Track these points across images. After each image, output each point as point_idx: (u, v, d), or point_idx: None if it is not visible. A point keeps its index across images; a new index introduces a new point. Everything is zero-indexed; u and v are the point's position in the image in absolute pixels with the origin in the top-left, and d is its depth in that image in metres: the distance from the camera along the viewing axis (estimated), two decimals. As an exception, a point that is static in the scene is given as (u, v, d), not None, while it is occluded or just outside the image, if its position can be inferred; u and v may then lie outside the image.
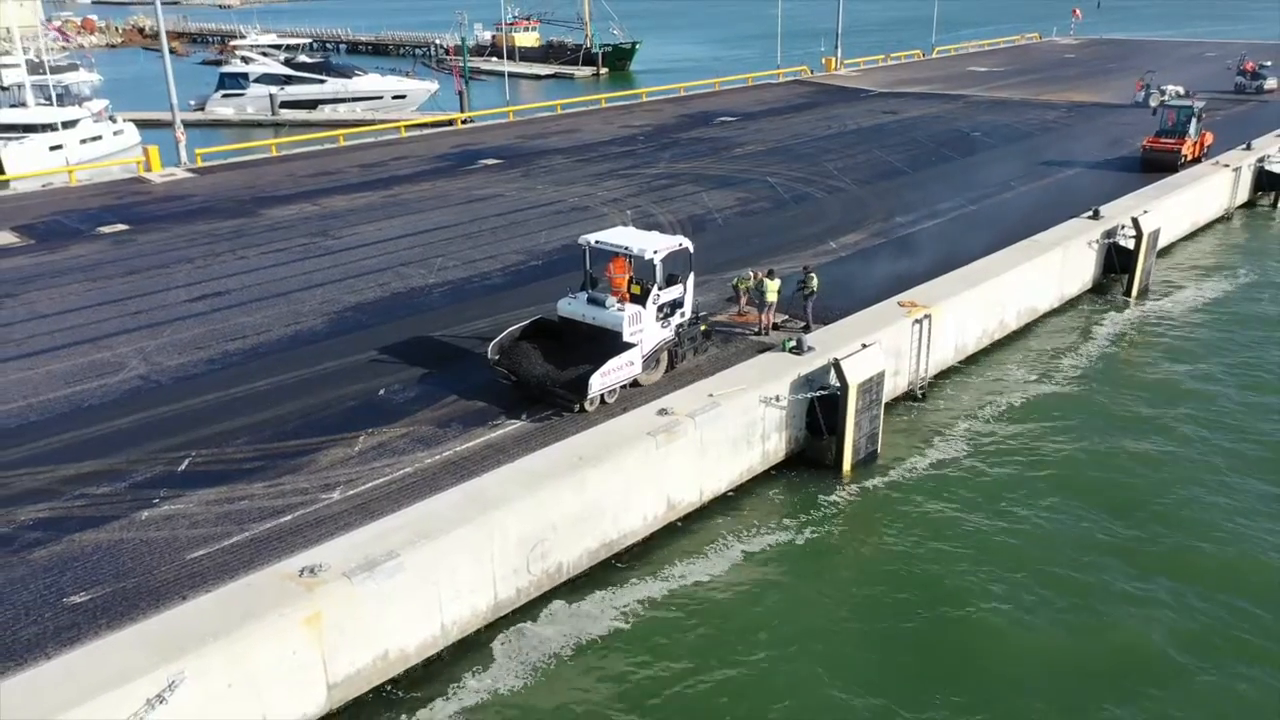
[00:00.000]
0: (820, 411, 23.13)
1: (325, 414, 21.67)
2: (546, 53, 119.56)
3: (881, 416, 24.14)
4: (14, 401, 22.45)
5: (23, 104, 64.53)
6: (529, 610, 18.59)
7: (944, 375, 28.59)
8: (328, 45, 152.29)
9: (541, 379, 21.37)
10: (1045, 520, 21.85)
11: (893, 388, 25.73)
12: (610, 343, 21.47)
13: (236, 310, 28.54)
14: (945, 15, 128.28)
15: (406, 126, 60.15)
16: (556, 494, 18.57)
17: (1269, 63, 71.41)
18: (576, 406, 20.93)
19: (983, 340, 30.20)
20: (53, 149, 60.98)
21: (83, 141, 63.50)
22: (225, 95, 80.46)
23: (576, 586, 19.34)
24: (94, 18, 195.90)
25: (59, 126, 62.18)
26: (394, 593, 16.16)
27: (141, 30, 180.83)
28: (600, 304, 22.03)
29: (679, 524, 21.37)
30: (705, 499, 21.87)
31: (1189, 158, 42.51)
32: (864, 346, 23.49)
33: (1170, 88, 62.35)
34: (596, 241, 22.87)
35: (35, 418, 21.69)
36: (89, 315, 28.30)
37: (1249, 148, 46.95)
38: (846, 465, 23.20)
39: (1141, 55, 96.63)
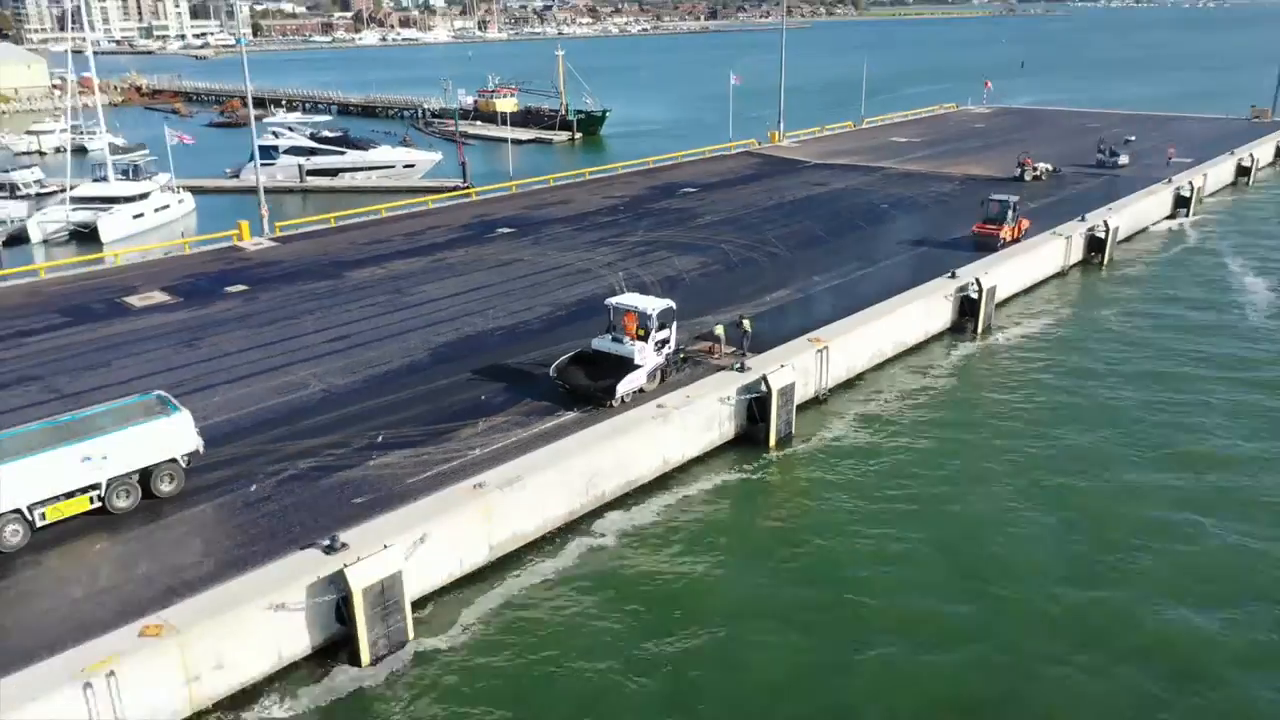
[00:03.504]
0: (755, 408, 37.07)
1: (451, 410, 35.17)
2: (525, 117, 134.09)
3: (794, 411, 38.13)
4: (250, 406, 35.66)
5: (104, 179, 77.15)
6: (587, 518, 32.17)
7: (840, 387, 42.70)
8: (319, 105, 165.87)
9: (586, 387, 35.09)
10: (899, 470, 35.87)
11: (803, 394, 39.73)
12: (627, 365, 35.28)
13: (361, 348, 41.97)
14: (885, 76, 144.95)
15: (433, 200, 73.66)
16: (600, 452, 32.26)
17: (1095, 153, 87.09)
18: (609, 403, 34.65)
19: (868, 363, 44.44)
20: (135, 217, 73.94)
21: (156, 210, 76.48)
22: (260, 165, 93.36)
23: (612, 506, 32.97)
24: (90, 75, 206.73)
25: (139, 198, 75.07)
26: (520, 500, 29.71)
27: (139, 89, 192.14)
28: (620, 341, 35.91)
29: (671, 474, 35.12)
30: (686, 459, 35.65)
31: (1008, 240, 56.34)
32: (781, 367, 37.51)
33: (1042, 165, 78.18)
34: (616, 303, 36.83)
35: (270, 415, 34.95)
36: (262, 352, 41.57)
37: (1083, 219, 62.26)
38: (771, 441, 37.07)
39: (1038, 125, 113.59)
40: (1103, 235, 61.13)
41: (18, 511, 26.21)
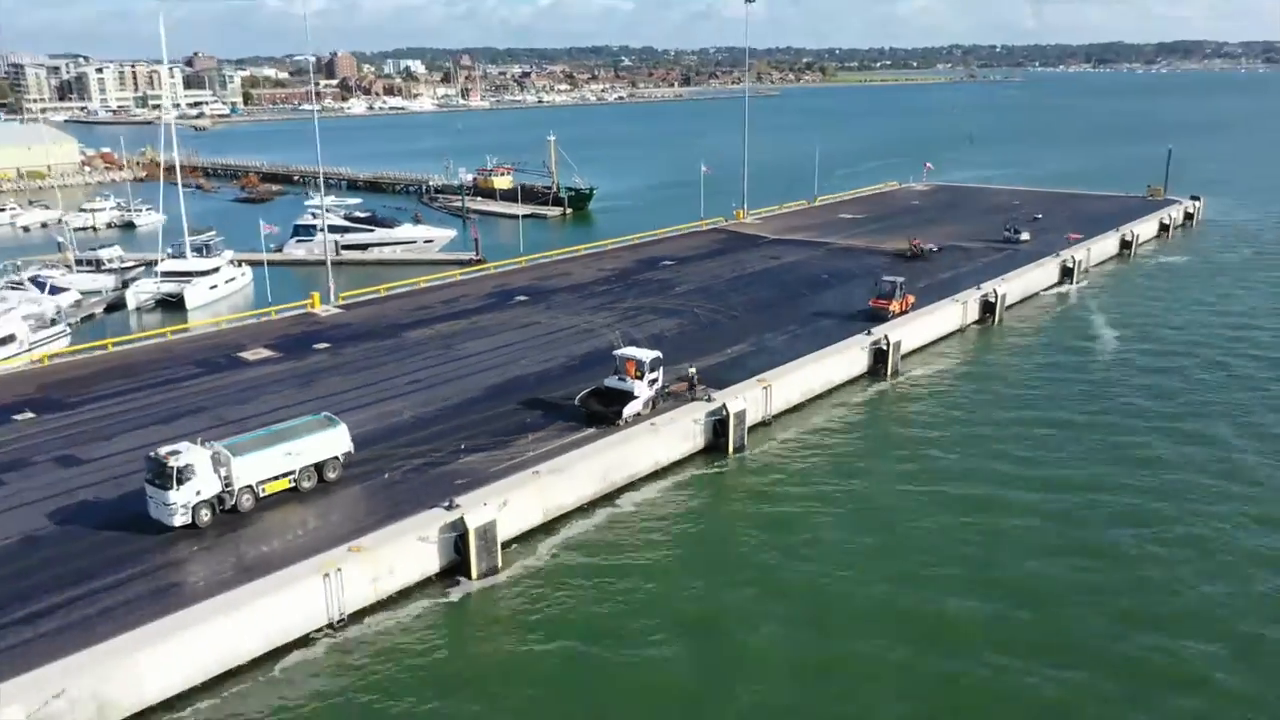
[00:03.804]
0: (718, 426, 52.83)
1: (507, 428, 50.66)
2: (521, 194, 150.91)
3: (746, 430, 53.90)
4: (365, 427, 50.77)
5: (182, 255, 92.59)
6: (607, 497, 47.64)
7: (781, 414, 58.52)
8: (330, 181, 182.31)
9: (601, 412, 50.74)
10: (822, 468, 51.60)
11: (753, 418, 55.46)
12: (628, 397, 51.01)
13: (432, 388, 57.45)
14: (842, 151, 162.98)
15: (460, 273, 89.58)
16: (612, 454, 47.87)
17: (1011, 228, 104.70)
18: (617, 423, 50.30)
19: (802, 397, 60.37)
20: (210, 288, 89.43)
21: (226, 281, 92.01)
22: (299, 241, 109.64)
23: (623, 490, 48.47)
24: (109, 150, 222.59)
25: (212, 272, 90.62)
26: (561, 483, 45.20)
27: (157, 164, 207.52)
28: (624, 380, 51.73)
29: (661, 470, 50.71)
30: (671, 460, 51.28)
31: (896, 312, 71.14)
32: (737, 399, 53.38)
33: (928, 245, 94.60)
34: (620, 354, 52.81)
35: (380, 434, 50.26)
36: (358, 390, 56.94)
37: (979, 287, 79.05)
38: (730, 450, 52.72)
39: (968, 202, 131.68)
40: (994, 300, 77.88)
41: (249, 487, 41.38)
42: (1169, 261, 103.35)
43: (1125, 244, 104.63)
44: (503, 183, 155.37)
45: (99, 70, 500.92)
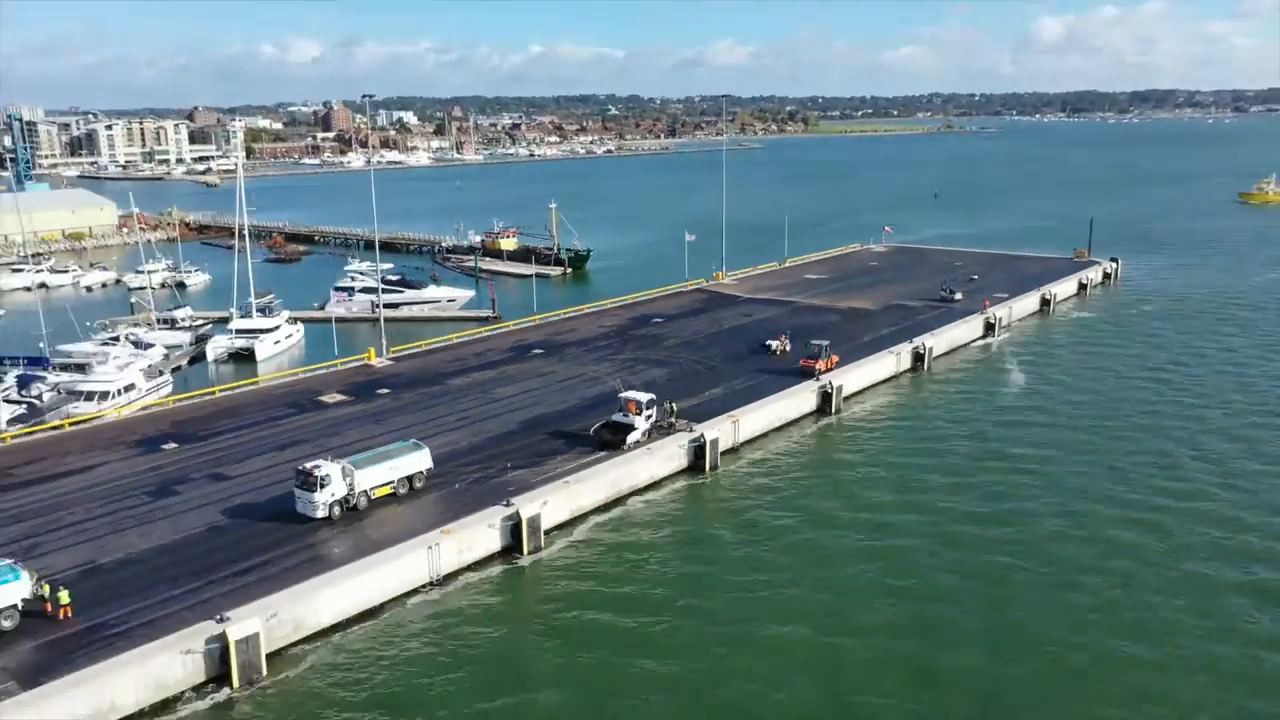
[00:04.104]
0: (698, 451, 70.17)
1: (540, 452, 67.86)
2: (524, 254, 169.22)
3: (719, 454, 71.24)
4: (440, 450, 67.92)
5: (249, 314, 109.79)
6: (615, 501, 64.76)
7: (748, 441, 75.82)
8: (349, 241, 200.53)
9: (611, 440, 68.07)
10: (778, 484, 68.87)
11: (726, 444, 72.82)
12: (630, 429, 68.37)
13: (477, 423, 74.61)
14: (813, 210, 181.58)
15: (486, 330, 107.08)
16: (619, 470, 65.15)
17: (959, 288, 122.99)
18: (623, 449, 67.57)
19: (763, 429, 77.71)
20: (275, 343, 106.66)
21: (286, 337, 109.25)
22: (339, 301, 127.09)
23: (628, 496, 65.63)
24: (139, 210, 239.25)
25: (275, 329, 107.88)
26: (584, 489, 62.36)
27: (188, 225, 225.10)
28: (626, 416, 69.17)
29: (656, 482, 67.90)
30: (663, 475, 68.53)
31: (822, 370, 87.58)
32: (712, 430, 70.77)
33: (784, 340, 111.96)
34: (623, 395, 70.39)
35: (444, 456, 67.30)
36: (419, 426, 73.98)
37: (910, 341, 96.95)
38: (707, 469, 70.02)
39: (920, 263, 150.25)
40: (923, 352, 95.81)
41: (365, 491, 58.33)
42: (1081, 316, 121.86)
43: (1045, 302, 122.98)
44: (509, 244, 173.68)
45: (108, 127, 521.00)
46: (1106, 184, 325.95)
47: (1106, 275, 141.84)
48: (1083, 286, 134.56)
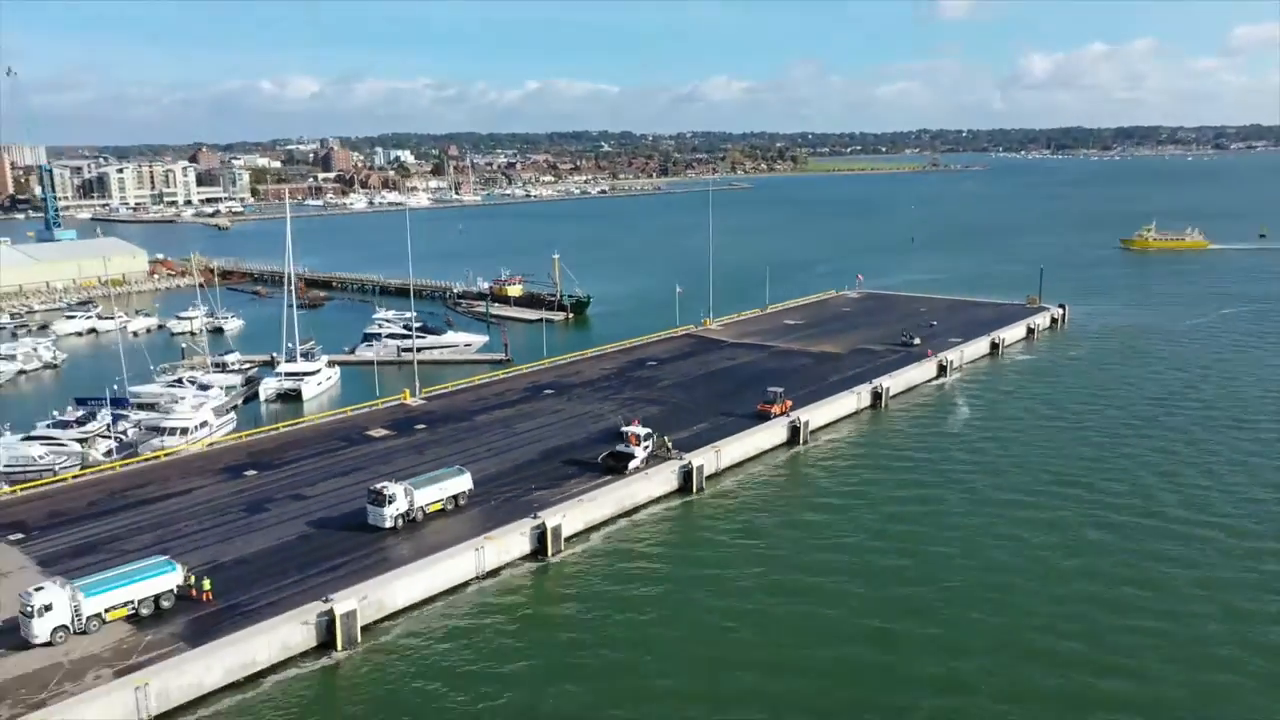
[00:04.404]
0: (687, 475, 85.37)
1: (558, 476, 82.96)
2: (529, 300, 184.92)
3: (705, 477, 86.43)
4: (476, 475, 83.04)
5: (293, 359, 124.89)
6: (621, 515, 79.80)
7: (730, 468, 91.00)
8: (366, 288, 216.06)
9: (615, 466, 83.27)
10: (753, 501, 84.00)
11: (710, 470, 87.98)
12: (632, 458, 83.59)
13: (503, 454, 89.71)
14: (794, 258, 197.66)
15: (502, 373, 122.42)
16: (623, 489, 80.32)
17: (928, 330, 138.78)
18: (625, 473, 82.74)
19: (741, 458, 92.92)
20: (318, 384, 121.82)
21: (326, 379, 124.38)
22: (368, 346, 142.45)
23: (631, 512, 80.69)
24: (163, 256, 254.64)
25: (317, 372, 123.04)
26: (596, 505, 77.45)
27: (212, 270, 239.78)
28: (628, 446, 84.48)
29: (652, 500, 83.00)
30: (658, 495, 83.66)
31: (777, 413, 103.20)
32: (699, 458, 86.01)
33: (770, 390, 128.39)
34: (624, 429, 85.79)
35: (481, 481, 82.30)
36: (455, 456, 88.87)
37: (870, 382, 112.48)
38: (695, 491, 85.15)
39: (888, 309, 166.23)
40: (880, 391, 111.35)
41: (421, 508, 73.32)
42: (1027, 359, 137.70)
43: (994, 345, 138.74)
44: (515, 290, 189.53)
45: (119, 170, 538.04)
46: (1069, 225, 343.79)
47: (1054, 320, 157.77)
48: (1030, 331, 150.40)
